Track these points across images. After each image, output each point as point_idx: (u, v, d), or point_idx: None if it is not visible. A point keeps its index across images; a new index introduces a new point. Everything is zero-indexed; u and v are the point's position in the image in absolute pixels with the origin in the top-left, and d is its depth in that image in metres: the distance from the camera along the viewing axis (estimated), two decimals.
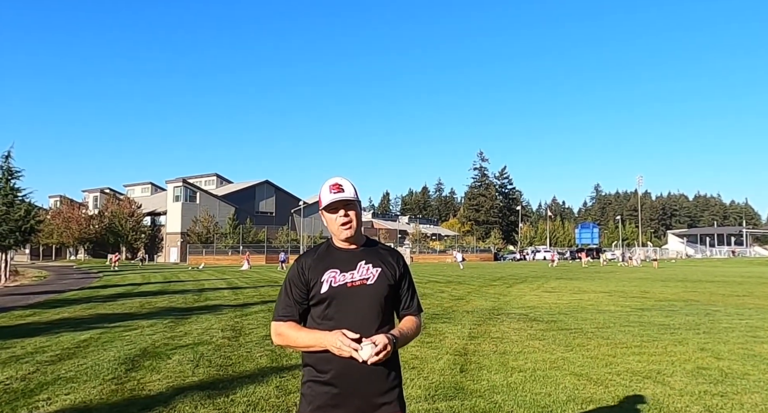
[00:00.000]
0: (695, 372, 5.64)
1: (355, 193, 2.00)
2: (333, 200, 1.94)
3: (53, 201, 71.53)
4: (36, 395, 4.90)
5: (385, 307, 1.97)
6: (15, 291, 19.22)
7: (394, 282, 2.01)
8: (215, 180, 75.50)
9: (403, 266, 2.08)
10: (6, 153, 22.60)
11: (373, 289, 1.95)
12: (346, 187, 1.97)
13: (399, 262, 2.07)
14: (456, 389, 5.01)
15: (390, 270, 2.01)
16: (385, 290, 1.97)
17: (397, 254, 2.12)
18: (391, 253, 2.10)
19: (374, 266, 1.98)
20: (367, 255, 2.01)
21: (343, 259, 1.98)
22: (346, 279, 1.94)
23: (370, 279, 1.96)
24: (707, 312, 11.01)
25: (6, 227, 21.36)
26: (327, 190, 1.98)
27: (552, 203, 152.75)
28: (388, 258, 2.05)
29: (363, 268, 1.97)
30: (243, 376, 5.53)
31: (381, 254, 2.05)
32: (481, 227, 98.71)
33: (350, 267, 1.96)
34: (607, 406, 4.51)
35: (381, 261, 2.02)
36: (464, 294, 15.75)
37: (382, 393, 1.91)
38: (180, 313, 11.25)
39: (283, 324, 1.97)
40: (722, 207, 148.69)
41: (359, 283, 1.94)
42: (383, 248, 2.11)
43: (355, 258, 1.99)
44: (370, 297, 1.94)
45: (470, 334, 8.15)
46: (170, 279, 24.81)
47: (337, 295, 1.92)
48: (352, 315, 1.91)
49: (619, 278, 24.37)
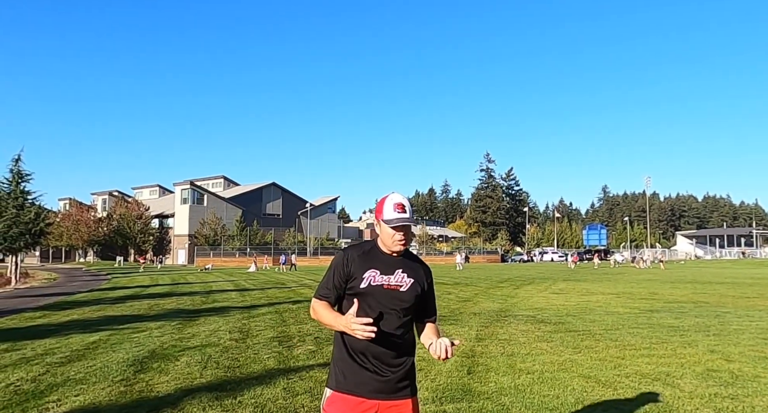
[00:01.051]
0: (705, 375, 5.59)
1: (412, 215, 2.25)
2: (399, 223, 2.18)
3: (62, 203, 72.21)
4: (46, 396, 4.94)
5: (408, 313, 2.26)
6: (25, 292, 19.39)
7: (422, 293, 2.28)
8: (222, 182, 75.87)
9: (430, 280, 2.37)
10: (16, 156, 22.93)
11: (404, 295, 2.22)
12: (408, 210, 2.22)
13: (428, 276, 2.35)
14: (463, 391, 4.99)
15: (420, 282, 2.28)
16: (413, 299, 2.24)
17: (427, 268, 2.39)
18: (423, 267, 2.36)
19: (409, 276, 2.25)
20: (404, 264, 2.28)
21: (384, 263, 2.24)
22: (384, 281, 2.20)
23: (403, 286, 2.23)
24: (717, 314, 10.91)
25: (16, 230, 21.59)
26: (391, 207, 2.20)
27: (559, 204, 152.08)
28: (420, 271, 2.32)
29: (399, 275, 2.24)
30: (250, 378, 5.55)
31: (415, 267, 2.31)
32: (488, 228, 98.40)
33: (389, 271, 2.23)
34: (616, 409, 4.48)
35: (415, 272, 2.29)
36: (471, 295, 15.72)
37: (399, 380, 2.20)
38: (188, 315, 11.30)
39: (319, 302, 2.26)
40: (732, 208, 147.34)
41: (394, 287, 2.21)
42: (417, 261, 2.37)
43: (395, 265, 2.25)
44: (399, 302, 2.21)
45: (477, 336, 8.12)
46: (178, 281, 24.95)
47: (373, 293, 2.19)
48: (383, 313, 2.18)
49: (628, 280, 24.21)
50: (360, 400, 2.15)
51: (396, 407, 2.19)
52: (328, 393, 2.21)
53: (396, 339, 2.20)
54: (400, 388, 2.21)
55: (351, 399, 2.15)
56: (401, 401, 2.21)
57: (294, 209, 72.02)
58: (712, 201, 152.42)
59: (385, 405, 2.17)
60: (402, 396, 2.21)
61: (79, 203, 68.73)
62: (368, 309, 2.18)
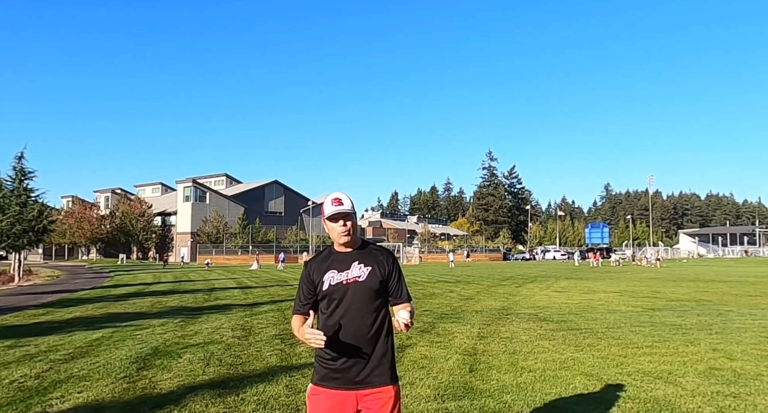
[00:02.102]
0: (707, 373, 5.59)
1: (352, 205, 2.35)
2: (334, 212, 2.30)
3: (65, 201, 72.35)
4: (50, 393, 4.97)
5: (376, 299, 2.33)
6: (28, 290, 19.47)
7: (384, 277, 2.36)
8: (225, 180, 75.93)
9: (392, 263, 2.42)
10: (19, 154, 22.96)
11: (364, 285, 2.31)
12: (345, 201, 2.32)
13: (388, 260, 2.41)
14: (465, 389, 5.00)
15: (380, 267, 2.36)
16: (376, 285, 2.32)
17: (387, 253, 2.45)
18: (382, 253, 2.43)
19: (366, 265, 2.34)
20: (360, 256, 2.37)
21: (340, 261, 2.36)
22: (342, 277, 2.32)
23: (361, 276, 2.32)
24: (719, 312, 10.89)
25: (20, 227, 21.65)
26: (329, 203, 2.32)
27: (562, 202, 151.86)
28: (379, 257, 2.40)
29: (356, 267, 2.33)
30: (253, 375, 5.56)
31: (373, 254, 2.40)
32: (491, 227, 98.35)
33: (346, 267, 2.34)
34: (618, 407, 4.48)
35: (373, 260, 2.37)
36: (473, 293, 15.72)
37: (372, 369, 2.28)
38: (190, 312, 11.33)
39: (294, 318, 2.41)
40: (735, 207, 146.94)
41: (353, 280, 2.31)
42: (376, 248, 2.45)
43: (350, 259, 2.36)
44: (362, 292, 2.31)
45: (479, 334, 8.13)
46: (180, 279, 25.00)
47: (335, 291, 2.31)
48: (348, 307, 2.30)
49: (630, 278, 24.18)
50: (335, 392, 2.27)
51: (375, 395, 2.26)
52: (310, 386, 2.37)
53: (368, 329, 2.29)
54: (377, 375, 2.28)
55: (328, 392, 2.28)
56: (379, 389, 2.27)
57: (296, 207, 72.06)
58: (715, 199, 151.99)
59: (362, 393, 2.26)
60: (379, 384, 2.27)
61: (82, 201, 68.92)
62: (336, 306, 2.30)
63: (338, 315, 2.29)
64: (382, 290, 2.34)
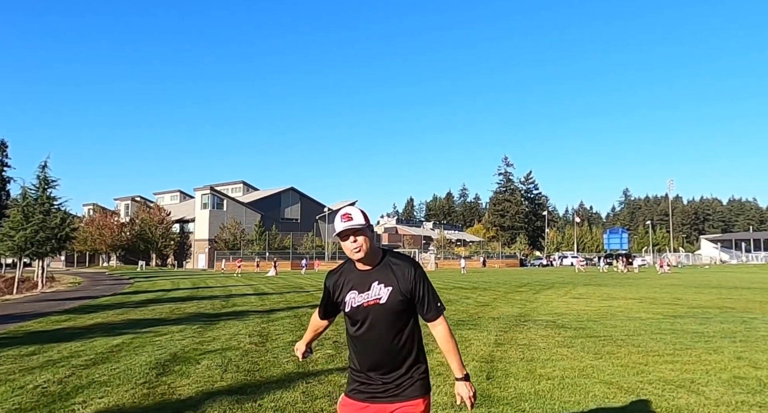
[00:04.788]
0: (731, 382, 5.46)
1: (364, 219, 2.25)
2: (343, 229, 2.21)
3: (87, 209, 73.78)
4: (72, 398, 5.05)
5: (399, 320, 2.27)
6: (51, 296, 19.84)
7: (406, 296, 2.26)
8: (242, 187, 76.68)
9: (415, 275, 2.29)
10: (43, 163, 23.48)
11: (385, 307, 2.24)
12: (355, 216, 2.22)
13: (410, 273, 2.28)
14: (483, 396, 4.96)
15: (402, 285, 2.25)
16: (398, 306, 2.25)
17: (409, 264, 2.32)
18: (402, 266, 2.30)
19: (386, 285, 2.25)
20: (380, 274, 2.27)
21: (360, 280, 2.29)
22: (362, 299, 2.26)
23: (382, 298, 2.24)
24: (743, 319, 10.65)
25: (43, 235, 22.10)
26: (338, 219, 2.24)
27: (579, 208, 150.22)
28: (400, 272, 2.28)
29: (376, 289, 2.25)
30: (270, 381, 5.60)
31: (393, 270, 2.28)
32: (507, 233, 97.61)
33: (365, 288, 2.26)
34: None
35: (394, 277, 2.26)
36: (490, 300, 15.60)
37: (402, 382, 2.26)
38: (208, 319, 11.44)
39: (314, 314, 2.57)
40: (758, 212, 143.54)
41: (373, 303, 2.25)
42: (396, 262, 2.32)
43: (370, 278, 2.27)
44: (384, 314, 2.24)
45: (496, 341, 8.06)
46: (198, 286, 25.26)
47: (356, 313, 2.27)
48: (371, 327, 2.26)
49: (650, 284, 23.76)
50: (363, 405, 2.26)
51: (404, 408, 2.24)
52: (342, 396, 2.39)
53: (393, 346, 2.25)
54: (407, 388, 2.25)
55: (356, 404, 2.28)
56: (409, 402, 2.24)
57: (312, 214, 72.43)
58: (737, 204, 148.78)
59: (391, 407, 2.24)
60: (409, 397, 2.24)
61: (103, 208, 70.23)
62: (360, 325, 2.28)
63: (363, 332, 2.28)
64: (405, 309, 2.28)
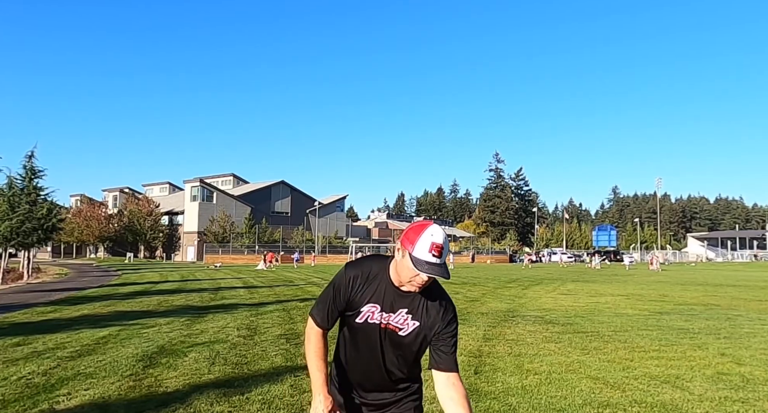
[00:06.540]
0: (715, 378, 5.54)
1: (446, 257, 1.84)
2: (430, 272, 1.75)
3: (74, 200, 72.96)
4: (57, 390, 5.00)
5: (406, 358, 1.98)
6: (37, 288, 19.63)
7: (429, 339, 1.94)
8: (232, 180, 76.27)
9: (451, 321, 1.94)
10: (29, 153, 23.12)
11: (403, 340, 1.93)
12: (444, 252, 1.77)
13: (447, 317, 1.93)
14: (470, 391, 4.98)
15: (429, 324, 1.92)
16: (415, 345, 1.95)
17: (447, 308, 1.95)
18: (439, 307, 1.93)
19: (414, 318, 1.92)
20: (413, 304, 1.91)
21: (389, 297, 1.91)
22: (381, 318, 1.92)
23: (404, 330, 1.92)
24: (728, 316, 10.80)
25: (29, 225, 21.82)
26: (427, 247, 1.74)
27: (569, 205, 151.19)
28: (434, 311, 1.92)
29: (402, 317, 1.92)
30: (258, 375, 5.58)
31: (427, 307, 1.92)
32: (497, 229, 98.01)
33: (392, 309, 1.91)
34: (624, 411, 4.45)
35: (424, 312, 1.92)
36: (479, 295, 15.67)
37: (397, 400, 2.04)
38: (196, 312, 11.38)
39: (315, 330, 2.01)
40: (744, 210, 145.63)
41: (393, 328, 1.92)
42: (435, 298, 1.93)
43: (401, 302, 1.91)
44: (397, 345, 1.94)
45: (485, 336, 8.10)
46: (187, 278, 25.12)
47: (367, 330, 1.94)
48: (371, 353, 1.96)
49: (637, 281, 24.02)
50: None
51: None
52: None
53: (394, 375, 2.00)
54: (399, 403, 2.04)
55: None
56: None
57: (303, 207, 72.23)
58: (724, 203, 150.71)
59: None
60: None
61: (90, 199, 69.49)
62: (363, 344, 1.96)
63: (363, 351, 1.97)
64: (421, 349, 1.97)
